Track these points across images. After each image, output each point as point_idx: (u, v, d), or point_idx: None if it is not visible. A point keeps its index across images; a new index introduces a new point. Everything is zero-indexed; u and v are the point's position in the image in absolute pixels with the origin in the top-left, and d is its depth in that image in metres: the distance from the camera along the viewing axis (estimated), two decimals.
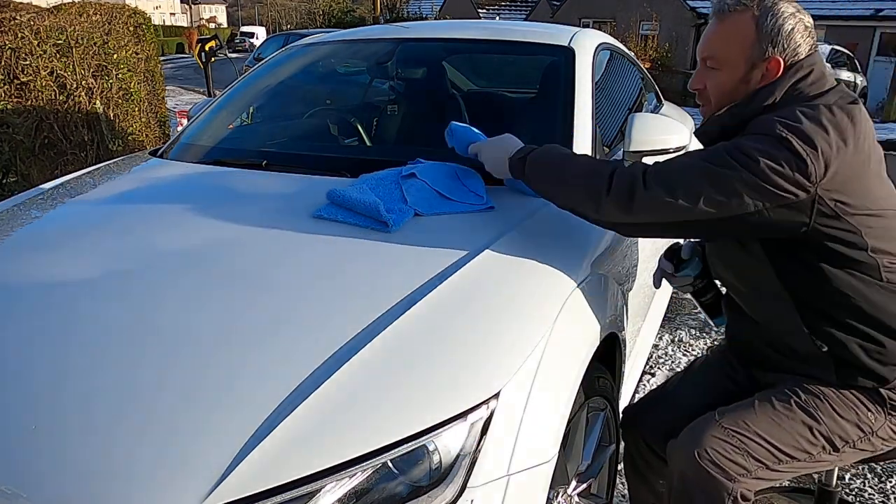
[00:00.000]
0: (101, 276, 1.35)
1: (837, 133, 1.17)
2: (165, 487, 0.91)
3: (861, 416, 1.31)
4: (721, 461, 1.28)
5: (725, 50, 1.30)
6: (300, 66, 2.63)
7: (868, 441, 1.33)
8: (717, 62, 1.32)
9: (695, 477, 1.29)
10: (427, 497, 0.98)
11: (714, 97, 1.35)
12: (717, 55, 1.32)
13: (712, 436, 1.30)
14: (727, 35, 1.30)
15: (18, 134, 4.13)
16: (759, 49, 1.27)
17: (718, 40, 1.32)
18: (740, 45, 1.29)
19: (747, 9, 1.28)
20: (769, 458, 1.29)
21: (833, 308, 1.28)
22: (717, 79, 1.33)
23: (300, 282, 1.29)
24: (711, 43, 1.33)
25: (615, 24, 20.01)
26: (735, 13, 1.29)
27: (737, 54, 1.29)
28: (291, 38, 12.29)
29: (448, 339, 1.13)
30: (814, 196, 1.16)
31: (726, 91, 1.32)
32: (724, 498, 1.27)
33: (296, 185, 1.80)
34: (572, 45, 2.20)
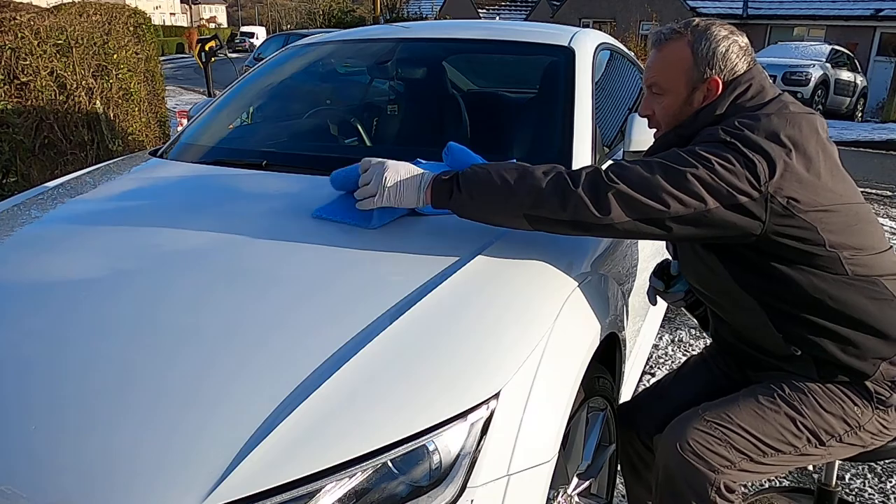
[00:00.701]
0: (100, 275, 1.35)
1: (779, 137, 1.23)
2: (166, 487, 0.91)
3: (847, 410, 1.33)
4: (704, 453, 1.30)
5: (666, 76, 1.38)
6: (300, 66, 2.63)
7: (855, 435, 1.34)
8: (660, 88, 1.39)
9: (678, 469, 1.31)
10: (427, 497, 0.98)
11: (663, 121, 1.41)
12: (660, 82, 1.39)
13: (695, 428, 1.33)
14: (666, 62, 1.38)
15: (18, 134, 4.12)
16: (697, 72, 1.35)
17: (659, 68, 1.39)
18: (680, 69, 1.36)
19: (682, 36, 1.36)
20: (753, 451, 1.31)
21: (801, 311, 1.30)
22: (662, 103, 1.40)
23: (300, 282, 1.29)
24: (653, 71, 1.40)
25: (615, 24, 20.01)
26: (671, 41, 1.37)
27: (677, 78, 1.36)
28: (291, 38, 12.29)
29: (448, 339, 1.13)
30: (766, 195, 1.20)
31: (672, 113, 1.39)
32: (707, 489, 1.29)
33: (296, 186, 1.80)
34: (572, 45, 2.20)
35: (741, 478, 1.32)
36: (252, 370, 1.06)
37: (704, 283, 1.45)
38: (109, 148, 4.74)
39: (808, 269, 1.26)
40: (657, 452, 1.39)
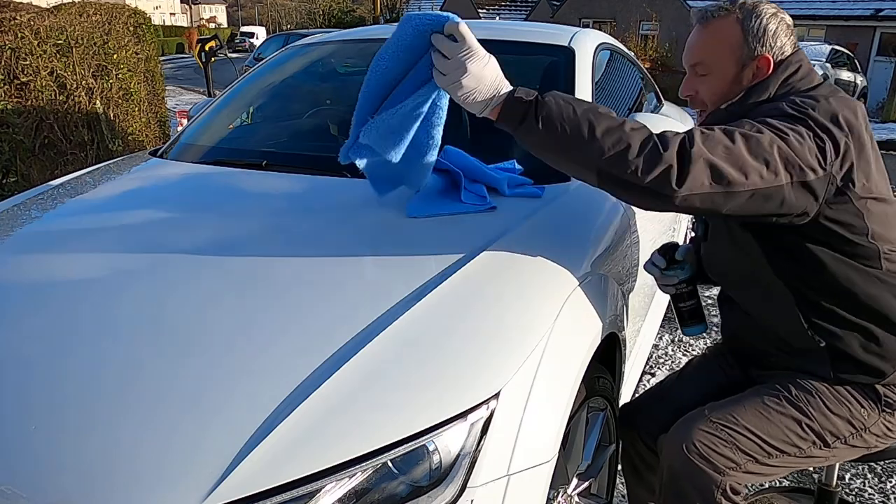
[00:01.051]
0: (100, 276, 1.35)
1: (838, 119, 1.20)
2: (166, 487, 0.91)
3: (853, 412, 1.32)
4: (709, 454, 1.29)
5: (715, 54, 1.33)
6: (300, 66, 2.63)
7: (860, 437, 1.33)
8: (706, 67, 1.35)
9: (683, 470, 1.30)
10: (427, 497, 0.98)
11: (709, 101, 1.37)
12: (707, 60, 1.35)
13: (700, 429, 1.32)
14: (714, 40, 1.33)
15: (18, 134, 4.12)
16: (747, 49, 1.31)
17: (706, 46, 1.35)
18: (729, 47, 1.32)
19: (729, 13, 1.32)
20: (758, 452, 1.30)
21: (831, 301, 1.29)
22: (708, 83, 1.35)
23: (301, 282, 1.29)
24: (699, 50, 1.36)
25: (615, 24, 20.02)
26: (718, 18, 1.33)
27: (726, 57, 1.32)
28: (291, 38, 12.30)
29: (448, 340, 1.13)
30: (829, 175, 1.19)
31: (720, 92, 1.35)
32: (713, 491, 1.28)
33: (296, 186, 1.80)
34: (572, 45, 2.20)
35: (745, 479, 1.31)
36: (252, 370, 1.06)
37: (734, 269, 1.42)
38: (109, 148, 4.74)
39: (846, 259, 1.25)
40: (662, 453, 1.37)
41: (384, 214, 1.55)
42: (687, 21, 9.57)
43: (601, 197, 1.76)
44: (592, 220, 1.65)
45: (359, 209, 1.62)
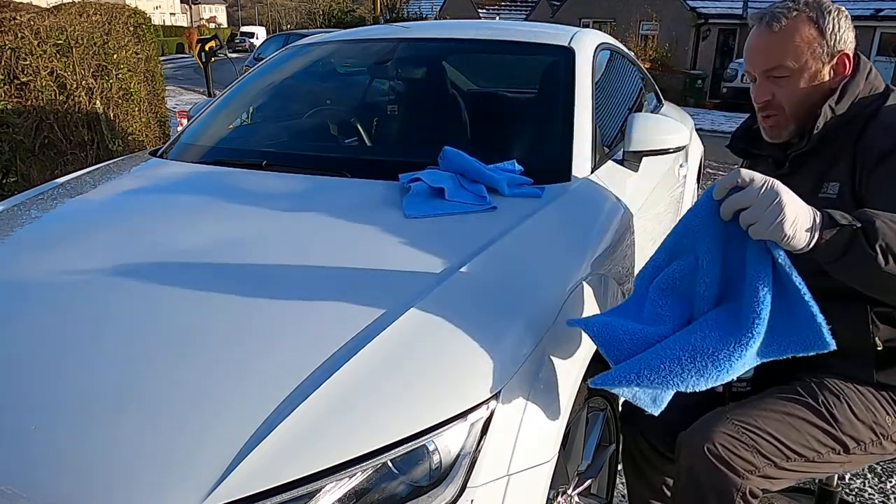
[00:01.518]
0: (99, 275, 1.35)
1: None
2: (166, 487, 0.91)
3: (878, 418, 1.30)
4: (729, 457, 1.26)
5: (794, 56, 1.31)
6: (300, 66, 2.63)
7: (880, 444, 1.32)
8: (786, 70, 1.32)
9: (704, 472, 1.28)
10: (427, 497, 0.98)
11: (788, 104, 1.35)
12: (786, 63, 1.32)
13: (721, 431, 1.29)
14: (792, 42, 1.31)
15: (18, 134, 4.12)
16: (826, 47, 1.31)
17: (783, 49, 1.32)
18: (808, 47, 1.30)
19: (799, 13, 1.31)
20: (778, 456, 1.28)
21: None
22: (788, 86, 1.33)
23: (301, 282, 1.29)
24: (774, 54, 1.33)
25: (615, 24, 20.01)
26: (790, 20, 1.31)
27: (807, 57, 1.31)
28: (291, 38, 12.29)
29: (448, 339, 1.13)
30: None
31: (802, 95, 1.33)
32: (733, 494, 1.26)
33: (296, 186, 1.80)
34: (572, 45, 2.20)
35: (762, 483, 1.29)
36: (252, 370, 1.06)
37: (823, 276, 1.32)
38: (109, 148, 4.74)
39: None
40: (679, 452, 1.34)
41: (384, 214, 1.55)
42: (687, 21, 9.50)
43: (601, 197, 1.76)
44: (592, 220, 1.65)
45: (359, 209, 1.62)
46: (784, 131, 1.39)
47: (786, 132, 1.39)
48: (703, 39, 19.06)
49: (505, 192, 1.63)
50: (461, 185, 1.65)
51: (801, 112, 1.35)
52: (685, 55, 18.65)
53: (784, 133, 1.39)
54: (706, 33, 19.01)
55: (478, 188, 1.63)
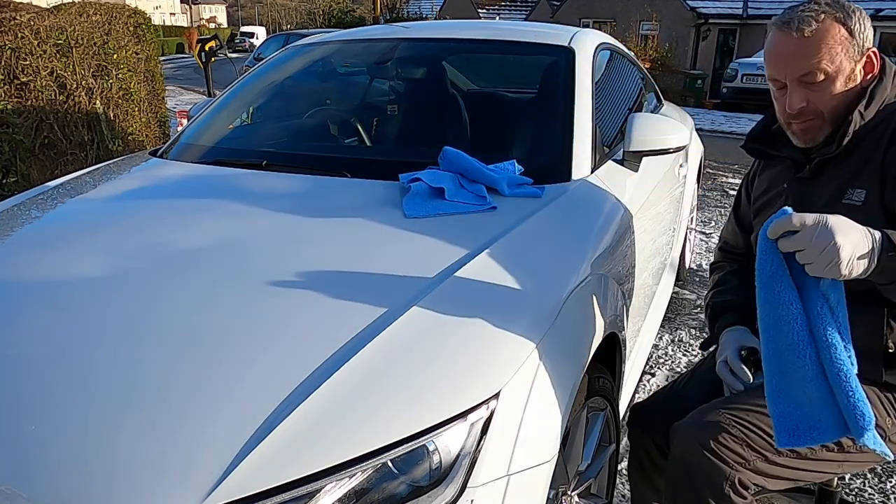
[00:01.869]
0: (99, 275, 1.35)
1: None
2: (165, 487, 0.91)
3: (879, 420, 1.30)
4: (719, 448, 1.28)
5: (830, 59, 1.29)
6: (300, 66, 2.63)
7: None
8: (822, 73, 1.30)
9: (693, 461, 1.30)
10: (427, 497, 0.98)
11: (826, 108, 1.33)
12: (821, 67, 1.30)
13: (712, 423, 1.31)
14: (825, 46, 1.29)
15: (18, 134, 4.12)
16: (857, 47, 1.30)
17: (817, 53, 1.29)
18: (842, 49, 1.29)
19: (828, 15, 1.30)
20: (768, 450, 1.29)
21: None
22: (824, 90, 1.31)
23: (301, 282, 1.29)
24: (809, 59, 1.30)
25: (615, 24, 20.01)
26: (821, 23, 1.29)
27: (843, 59, 1.30)
28: (291, 38, 12.30)
29: (448, 339, 1.13)
30: None
31: (839, 96, 1.32)
32: (722, 484, 1.27)
33: (296, 185, 1.80)
34: (572, 45, 2.20)
35: (754, 477, 1.29)
36: (252, 370, 1.06)
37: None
38: (109, 148, 4.74)
39: None
40: (672, 442, 1.36)
41: (384, 214, 1.55)
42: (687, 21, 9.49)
43: (601, 197, 1.76)
44: (592, 220, 1.65)
45: (359, 209, 1.62)
46: (820, 135, 1.36)
47: (821, 135, 1.36)
48: (703, 39, 19.06)
49: (505, 192, 1.63)
50: (461, 185, 1.65)
51: (837, 114, 1.33)
52: (685, 55, 18.64)
53: (819, 137, 1.36)
54: (706, 33, 19.01)
55: (478, 188, 1.63)
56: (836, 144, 1.33)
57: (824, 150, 1.36)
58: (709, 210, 5.79)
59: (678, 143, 1.94)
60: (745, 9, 18.93)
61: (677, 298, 3.59)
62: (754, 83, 13.95)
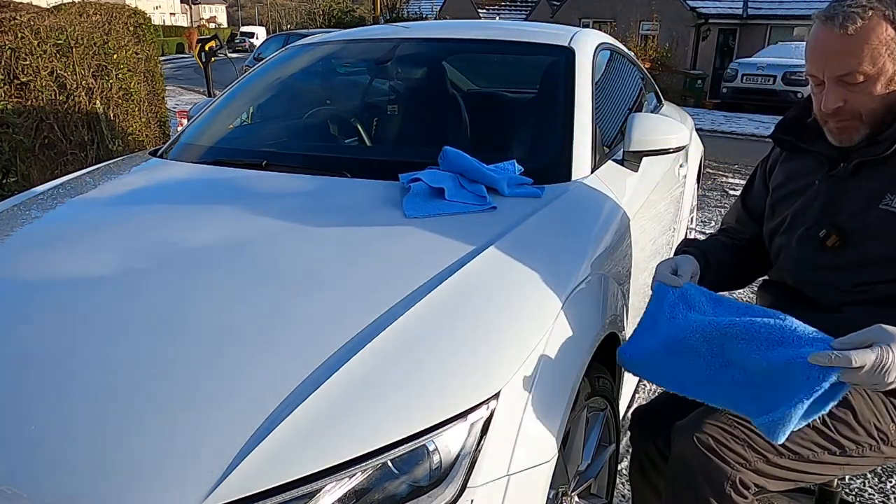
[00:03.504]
0: (98, 276, 1.35)
1: None
2: (166, 487, 0.91)
3: (881, 424, 1.30)
4: (720, 448, 1.27)
5: (871, 61, 1.22)
6: (300, 66, 2.63)
7: (878, 450, 1.31)
8: (862, 75, 1.23)
9: (694, 461, 1.29)
10: (427, 497, 0.98)
11: (864, 109, 1.26)
12: (863, 69, 1.22)
13: (713, 423, 1.30)
14: (869, 45, 1.22)
15: (18, 134, 4.12)
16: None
17: (859, 53, 1.22)
18: (886, 48, 1.22)
19: (875, 11, 1.22)
20: (770, 451, 1.28)
21: None
22: (865, 91, 1.25)
23: (301, 282, 1.29)
24: (849, 58, 1.23)
25: (615, 24, 20.01)
26: (865, 20, 1.22)
27: (885, 60, 1.22)
28: (291, 38, 12.30)
29: (448, 339, 1.13)
30: None
31: (879, 99, 1.25)
32: (723, 483, 1.27)
33: (296, 186, 1.80)
34: (572, 45, 2.20)
35: (755, 478, 1.29)
36: (252, 370, 1.06)
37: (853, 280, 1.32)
38: (109, 148, 4.74)
39: None
40: (673, 442, 1.36)
41: (384, 214, 1.55)
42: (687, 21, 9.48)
43: (601, 197, 1.76)
44: (592, 220, 1.65)
45: (358, 209, 1.62)
46: (856, 135, 1.30)
47: (858, 136, 1.30)
48: (703, 39, 19.06)
49: (505, 192, 1.63)
50: (461, 185, 1.65)
51: (876, 117, 1.27)
52: (685, 55, 18.65)
53: (856, 137, 1.31)
54: (706, 33, 19.01)
55: (478, 188, 1.63)
56: (885, 149, 1.26)
57: (867, 151, 1.30)
58: (709, 210, 5.79)
59: (678, 143, 1.94)
60: (745, 9, 18.94)
61: None
62: (754, 83, 13.95)
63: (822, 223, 1.36)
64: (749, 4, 18.96)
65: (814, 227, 1.38)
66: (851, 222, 1.32)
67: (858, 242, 1.31)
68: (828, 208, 1.37)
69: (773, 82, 13.53)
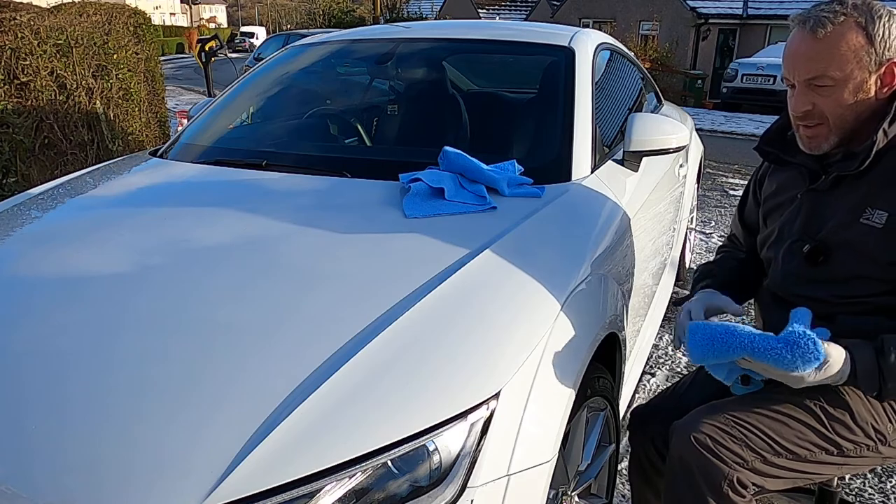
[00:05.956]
0: (97, 276, 1.35)
1: None
2: (165, 487, 0.91)
3: (879, 425, 1.30)
4: (717, 448, 1.28)
5: (839, 66, 1.23)
6: (300, 66, 2.63)
7: (876, 450, 1.31)
8: (830, 80, 1.24)
9: (692, 461, 1.29)
10: (427, 497, 0.98)
11: (832, 115, 1.27)
12: (831, 73, 1.23)
13: (711, 423, 1.30)
14: (837, 50, 1.22)
15: (18, 134, 4.12)
16: (875, 55, 1.22)
17: (828, 58, 1.23)
18: (854, 56, 1.22)
19: (847, 17, 1.22)
20: (767, 451, 1.29)
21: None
22: (831, 97, 1.25)
23: (301, 281, 1.29)
24: (818, 62, 1.24)
25: (615, 24, 20.02)
26: (836, 25, 1.22)
27: (853, 67, 1.22)
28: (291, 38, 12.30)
29: (448, 339, 1.13)
30: None
31: (847, 105, 1.25)
32: (720, 482, 1.27)
33: (296, 185, 1.80)
34: (572, 45, 2.20)
35: (752, 477, 1.29)
36: (252, 370, 1.06)
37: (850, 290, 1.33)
38: (109, 148, 4.74)
39: None
40: (671, 442, 1.36)
41: (384, 214, 1.55)
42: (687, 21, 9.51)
43: (601, 197, 1.76)
44: (592, 220, 1.65)
45: (358, 209, 1.62)
46: (825, 143, 1.31)
47: (826, 144, 1.31)
48: (703, 39, 19.06)
49: (505, 192, 1.63)
50: (461, 185, 1.65)
51: (844, 124, 1.27)
52: (685, 55, 18.64)
53: (824, 145, 1.31)
54: (706, 33, 19.01)
55: (478, 188, 1.63)
56: (859, 163, 1.27)
57: (843, 166, 1.30)
58: (709, 210, 5.79)
59: (678, 143, 1.94)
60: (745, 9, 18.94)
61: (677, 298, 3.58)
62: (754, 83, 13.95)
63: (805, 238, 1.37)
64: (749, 4, 18.96)
65: (798, 241, 1.38)
66: (834, 237, 1.32)
67: (843, 259, 1.31)
68: (811, 222, 1.37)
69: (773, 82, 13.53)
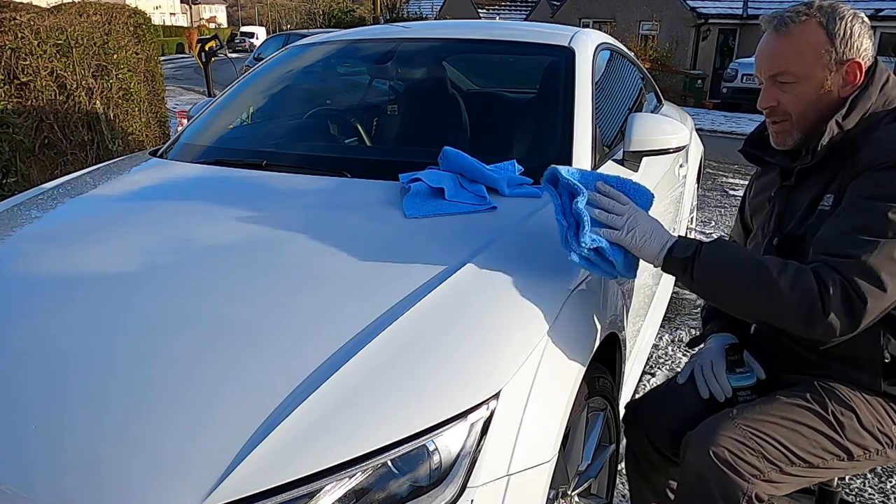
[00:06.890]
0: (97, 275, 1.35)
1: None
2: (165, 487, 0.91)
3: (883, 427, 1.30)
4: (735, 461, 1.26)
5: (799, 62, 1.28)
6: (300, 66, 2.63)
7: (884, 453, 1.32)
8: (792, 76, 1.29)
9: (710, 474, 1.27)
10: (427, 497, 0.98)
11: (794, 111, 1.32)
12: (791, 69, 1.29)
13: (727, 435, 1.28)
14: (798, 47, 1.28)
15: (18, 134, 4.12)
16: (835, 54, 1.26)
17: (789, 55, 1.29)
18: (814, 53, 1.27)
19: (809, 17, 1.27)
20: (783, 461, 1.28)
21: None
22: (793, 93, 1.30)
23: (301, 281, 1.29)
24: (780, 59, 1.30)
25: (615, 24, 20.01)
26: (798, 24, 1.27)
27: (813, 64, 1.27)
28: (291, 38, 12.30)
29: (448, 339, 1.13)
30: None
31: (807, 101, 1.30)
32: (739, 498, 1.25)
33: (296, 185, 1.80)
34: (572, 45, 2.20)
35: (767, 488, 1.28)
36: (252, 370, 1.06)
37: None
38: (109, 148, 4.74)
39: None
40: (685, 454, 1.34)
41: (384, 214, 1.55)
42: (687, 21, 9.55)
43: None
44: None
45: (358, 209, 1.62)
46: (789, 139, 1.35)
47: (791, 140, 1.35)
48: (703, 39, 19.06)
49: (505, 192, 1.63)
50: (461, 185, 1.65)
51: (807, 121, 1.31)
52: (685, 55, 18.64)
53: (789, 140, 1.35)
54: (706, 33, 19.01)
55: (478, 188, 1.63)
56: (811, 155, 1.31)
57: (803, 160, 1.35)
58: (709, 210, 5.79)
59: (678, 143, 1.94)
60: (745, 9, 18.93)
61: (677, 298, 3.59)
62: (754, 83, 13.79)
63: (776, 233, 1.40)
64: (749, 4, 18.95)
65: (772, 237, 1.41)
66: (797, 228, 1.36)
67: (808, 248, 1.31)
68: (782, 218, 1.41)
69: None
